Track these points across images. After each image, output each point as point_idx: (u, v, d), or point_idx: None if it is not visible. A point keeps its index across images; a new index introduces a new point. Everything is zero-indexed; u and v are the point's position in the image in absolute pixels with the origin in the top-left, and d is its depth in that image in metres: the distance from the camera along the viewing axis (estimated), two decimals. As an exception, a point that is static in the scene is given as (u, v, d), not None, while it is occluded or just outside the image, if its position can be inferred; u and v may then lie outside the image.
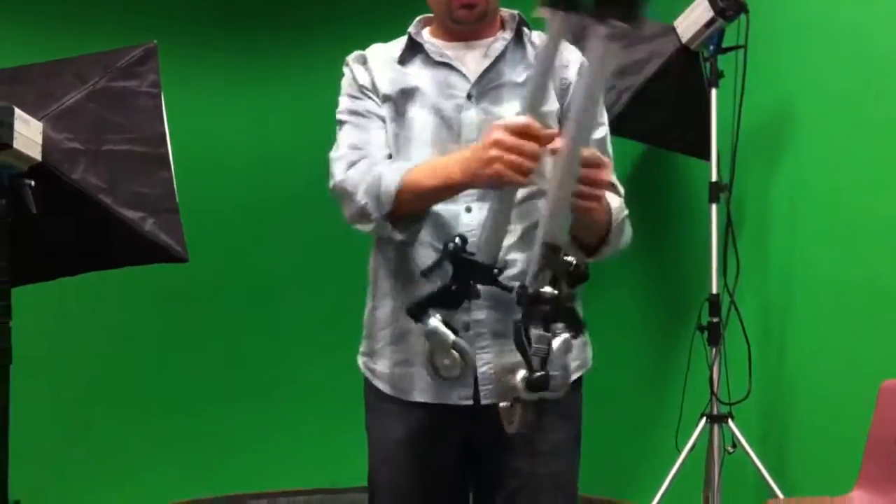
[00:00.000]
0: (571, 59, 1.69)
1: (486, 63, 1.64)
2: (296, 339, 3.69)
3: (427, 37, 1.70)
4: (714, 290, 2.72)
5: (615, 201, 1.58)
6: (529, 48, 1.68)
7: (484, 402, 1.56)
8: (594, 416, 1.77)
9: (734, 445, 2.64)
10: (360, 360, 1.72)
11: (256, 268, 3.67)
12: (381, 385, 1.66)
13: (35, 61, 2.21)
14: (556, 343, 1.27)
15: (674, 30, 2.86)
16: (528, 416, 1.29)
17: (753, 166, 2.82)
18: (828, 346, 2.59)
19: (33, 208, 1.93)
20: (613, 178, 1.65)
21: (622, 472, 3.35)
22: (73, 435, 3.36)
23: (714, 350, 2.71)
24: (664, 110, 2.92)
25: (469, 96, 1.62)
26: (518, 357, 1.28)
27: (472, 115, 1.61)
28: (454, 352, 1.37)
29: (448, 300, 1.37)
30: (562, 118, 1.65)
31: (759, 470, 2.55)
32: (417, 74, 1.65)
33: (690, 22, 2.80)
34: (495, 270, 1.37)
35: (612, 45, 1.22)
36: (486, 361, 1.56)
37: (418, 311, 1.38)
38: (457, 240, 1.36)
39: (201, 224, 2.59)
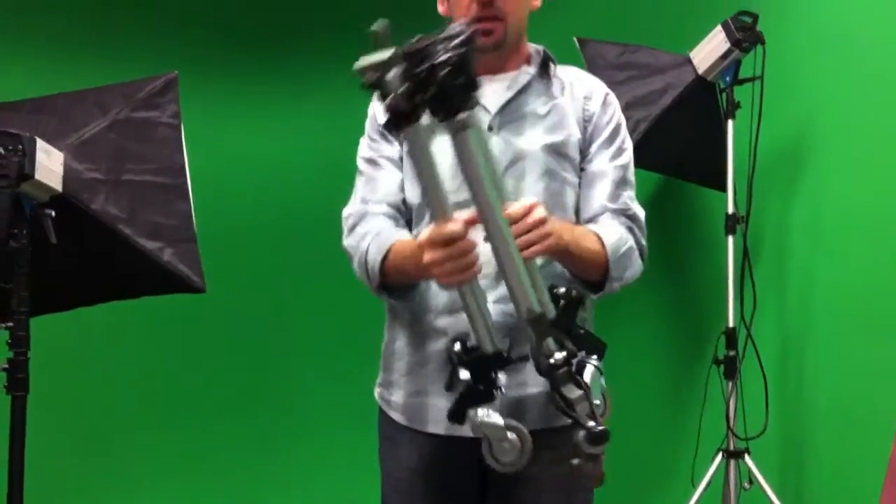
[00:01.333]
0: (594, 90, 1.72)
1: (509, 95, 1.66)
2: (311, 365, 3.68)
3: None
4: (730, 323, 2.70)
5: (613, 235, 1.60)
6: (555, 82, 1.70)
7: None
8: (609, 449, 1.76)
9: (751, 481, 2.61)
10: (377, 391, 1.73)
11: (274, 293, 3.67)
12: (395, 415, 1.67)
13: (60, 91, 2.23)
14: (588, 375, 1.30)
15: (690, 61, 2.87)
16: (592, 467, 1.31)
17: (770, 198, 2.81)
18: (846, 380, 2.56)
19: (53, 238, 1.95)
20: (633, 204, 1.70)
21: (637, 505, 3.32)
22: (89, 454, 3.36)
23: (730, 384, 2.69)
24: (680, 141, 2.92)
25: (490, 128, 1.64)
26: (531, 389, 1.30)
27: (494, 144, 1.62)
28: (510, 433, 1.34)
29: (481, 397, 1.34)
30: (584, 148, 1.68)
31: (776, 506, 2.53)
32: None
33: (707, 53, 2.81)
34: (504, 354, 1.35)
35: (465, 134, 1.26)
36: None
37: (460, 416, 1.35)
38: (456, 346, 1.35)
39: (220, 249, 2.60)
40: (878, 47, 2.49)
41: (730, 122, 2.78)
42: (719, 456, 2.66)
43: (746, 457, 2.62)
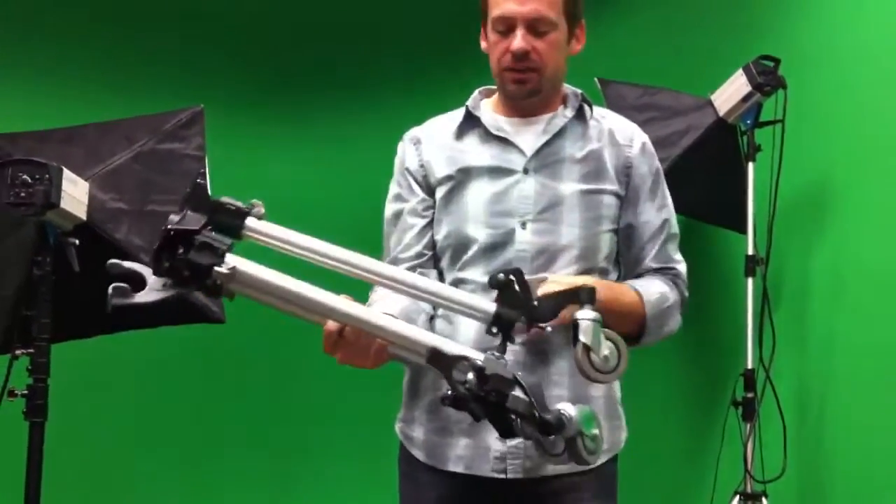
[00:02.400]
0: (634, 136, 1.70)
1: (545, 138, 1.64)
2: (329, 398, 3.69)
3: (486, 109, 1.70)
4: (749, 365, 2.69)
5: (654, 292, 1.62)
6: (592, 124, 1.68)
7: (511, 476, 1.57)
8: (626, 490, 1.75)
9: (768, 525, 2.58)
10: (398, 426, 1.71)
11: (291, 327, 3.69)
12: (416, 452, 1.65)
13: (87, 121, 2.28)
14: (585, 331, 1.33)
15: (711, 103, 2.88)
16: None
17: (791, 241, 2.80)
18: (867, 424, 2.53)
19: (76, 266, 1.97)
20: (677, 257, 1.73)
21: (654, 549, 3.27)
22: (104, 483, 3.37)
23: (748, 426, 2.66)
24: (701, 183, 2.92)
25: (525, 171, 1.62)
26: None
27: (527, 187, 1.61)
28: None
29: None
30: (624, 197, 1.65)
31: (794, 551, 2.49)
32: (474, 150, 1.66)
33: (728, 96, 2.82)
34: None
35: None
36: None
37: (508, 429, 1.28)
38: (469, 376, 1.27)
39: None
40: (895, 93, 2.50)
41: (750, 165, 2.78)
42: (736, 499, 2.62)
43: (764, 500, 2.59)
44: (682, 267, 1.73)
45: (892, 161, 2.51)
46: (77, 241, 2.01)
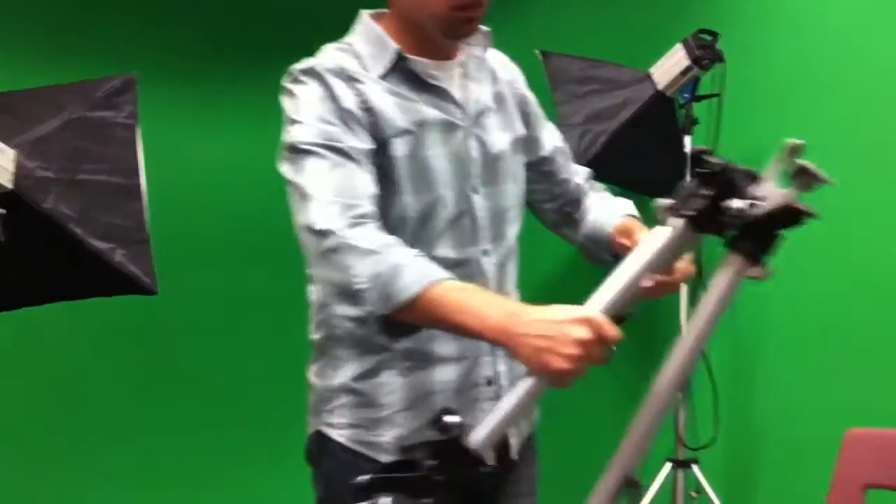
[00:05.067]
0: (514, 69, 1.60)
1: (472, 86, 1.47)
2: (268, 374, 3.66)
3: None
4: (682, 333, 2.73)
5: (633, 210, 1.58)
6: (489, 64, 1.53)
7: (514, 457, 1.51)
8: (557, 457, 1.78)
9: (698, 491, 2.64)
10: (346, 435, 1.43)
11: (231, 301, 3.65)
12: (385, 457, 1.38)
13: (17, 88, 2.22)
14: None
15: (650, 76, 2.91)
16: None
17: (725, 212, 2.85)
18: (794, 391, 2.61)
19: (2, 237, 1.93)
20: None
21: (588, 513, 3.33)
22: (34, 464, 3.32)
23: (680, 394, 2.72)
24: (639, 155, 2.95)
25: (466, 126, 1.45)
26: None
27: (472, 145, 1.45)
28: None
29: (415, 490, 1.07)
30: (528, 136, 1.58)
31: (722, 516, 2.56)
32: (417, 100, 1.41)
33: (666, 69, 2.84)
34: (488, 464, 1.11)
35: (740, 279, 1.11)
36: None
37: (370, 489, 1.07)
38: (446, 418, 1.06)
39: (176, 255, 2.58)
40: (834, 67, 2.54)
41: (687, 138, 2.82)
42: (668, 465, 2.69)
43: (694, 466, 2.66)
44: (587, 168, 1.72)
45: (826, 134, 2.56)
46: (4, 211, 1.96)
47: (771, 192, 1.09)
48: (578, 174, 1.69)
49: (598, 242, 1.58)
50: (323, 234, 1.26)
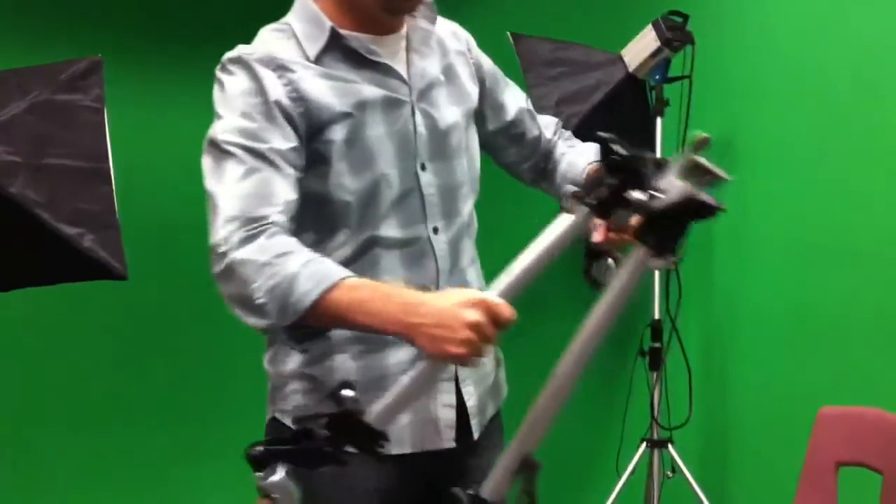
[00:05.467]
0: (466, 37, 1.56)
1: (416, 59, 1.43)
2: (239, 357, 3.63)
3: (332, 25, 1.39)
4: (656, 316, 2.75)
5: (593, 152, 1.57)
6: (438, 36, 1.49)
7: (475, 437, 1.48)
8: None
9: (673, 470, 2.66)
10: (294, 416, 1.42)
11: (201, 287, 3.61)
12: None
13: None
14: None
15: (621, 59, 2.90)
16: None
17: (697, 194, 2.86)
18: (768, 371, 2.63)
19: (-32, 222, 1.89)
20: (544, 116, 1.67)
21: (562, 495, 3.34)
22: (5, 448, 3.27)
23: (655, 375, 2.74)
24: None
25: (412, 102, 1.41)
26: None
27: (419, 121, 1.41)
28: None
29: (308, 460, 1.10)
30: (487, 105, 1.56)
31: (697, 495, 2.58)
32: (356, 79, 1.37)
33: (637, 51, 2.84)
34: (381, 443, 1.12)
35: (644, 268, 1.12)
36: (470, 394, 1.47)
37: (264, 459, 1.09)
38: (343, 392, 1.10)
39: (145, 241, 2.55)
40: (804, 49, 2.56)
41: (658, 120, 2.82)
42: (643, 445, 2.70)
43: (670, 446, 2.67)
44: (554, 117, 1.70)
45: (796, 116, 2.58)
46: (-32, 196, 1.93)
47: (673, 184, 1.08)
48: (548, 128, 1.69)
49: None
50: (222, 255, 1.26)
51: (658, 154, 2.79)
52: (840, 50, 2.46)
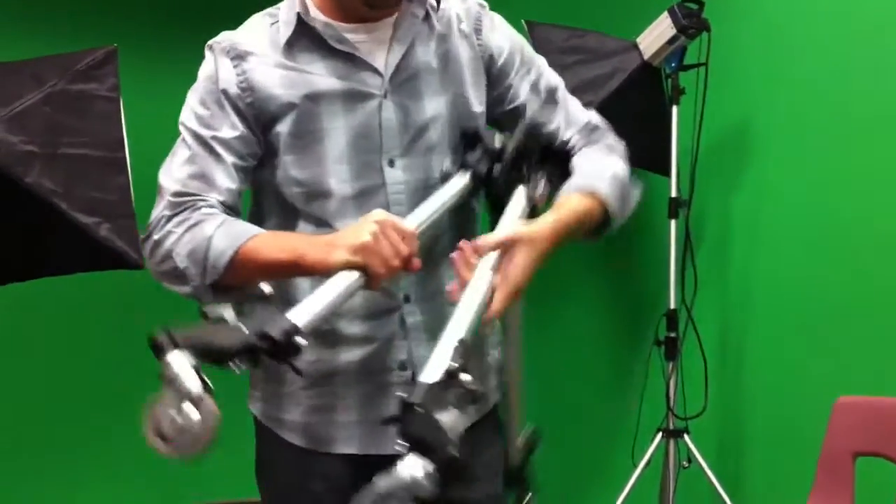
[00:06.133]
0: (479, 16, 1.44)
1: (400, 50, 1.36)
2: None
3: (315, 13, 1.35)
4: (672, 305, 2.74)
5: (604, 178, 1.38)
6: (434, 19, 1.40)
7: None
8: (551, 429, 1.77)
9: (689, 460, 2.65)
10: (256, 408, 1.45)
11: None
12: (291, 437, 1.41)
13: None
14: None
15: (636, 46, 2.89)
16: None
17: (713, 183, 2.85)
18: (784, 361, 2.62)
19: (-15, 211, 1.90)
20: (589, 114, 1.51)
21: (578, 485, 3.35)
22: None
23: (671, 365, 2.73)
24: (626, 125, 2.91)
25: (385, 94, 1.34)
26: None
27: (389, 115, 1.35)
28: (190, 409, 0.96)
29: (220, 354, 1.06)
30: (498, 92, 1.44)
31: (713, 485, 2.57)
32: (317, 70, 1.34)
33: (653, 39, 2.82)
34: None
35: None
36: None
37: (168, 343, 1.05)
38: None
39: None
40: (821, 38, 2.54)
41: (674, 108, 2.81)
42: (659, 435, 2.70)
43: (685, 436, 2.66)
44: (594, 117, 1.52)
45: (812, 104, 2.56)
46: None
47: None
48: (571, 126, 1.50)
49: None
50: (149, 234, 1.32)
51: (674, 141, 2.78)
52: (856, 36, 2.43)
